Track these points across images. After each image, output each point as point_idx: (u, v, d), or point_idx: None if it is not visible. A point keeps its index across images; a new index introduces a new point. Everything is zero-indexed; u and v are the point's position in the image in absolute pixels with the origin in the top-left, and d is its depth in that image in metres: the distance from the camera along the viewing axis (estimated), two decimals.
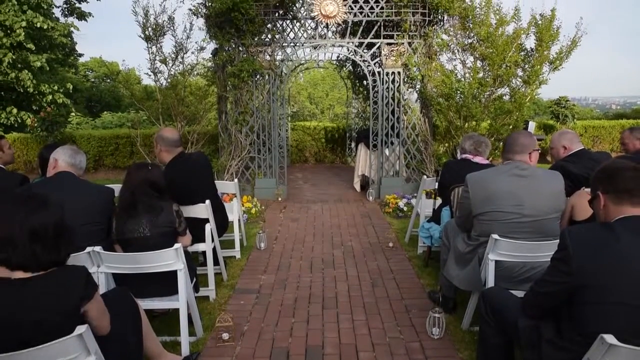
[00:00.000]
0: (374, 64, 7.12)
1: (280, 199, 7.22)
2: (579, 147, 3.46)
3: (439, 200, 4.28)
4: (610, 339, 1.60)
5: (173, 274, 2.76)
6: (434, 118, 7.75)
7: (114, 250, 2.87)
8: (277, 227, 5.75)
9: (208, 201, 3.62)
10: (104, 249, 2.69)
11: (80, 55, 19.36)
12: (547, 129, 11.60)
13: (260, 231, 4.99)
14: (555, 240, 1.96)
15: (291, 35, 7.28)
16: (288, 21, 7.16)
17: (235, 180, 5.12)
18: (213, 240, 3.65)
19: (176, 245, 2.74)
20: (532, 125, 7.75)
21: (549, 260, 1.93)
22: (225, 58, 6.98)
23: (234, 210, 4.58)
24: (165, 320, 3.15)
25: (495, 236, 2.66)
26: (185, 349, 2.78)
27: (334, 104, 25.95)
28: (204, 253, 3.71)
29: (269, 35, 7.01)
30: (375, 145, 7.33)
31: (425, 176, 5.45)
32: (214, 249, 3.69)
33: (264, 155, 7.28)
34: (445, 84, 6.67)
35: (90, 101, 24.59)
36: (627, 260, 1.70)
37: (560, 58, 6.68)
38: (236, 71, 6.80)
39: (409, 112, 7.33)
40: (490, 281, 2.72)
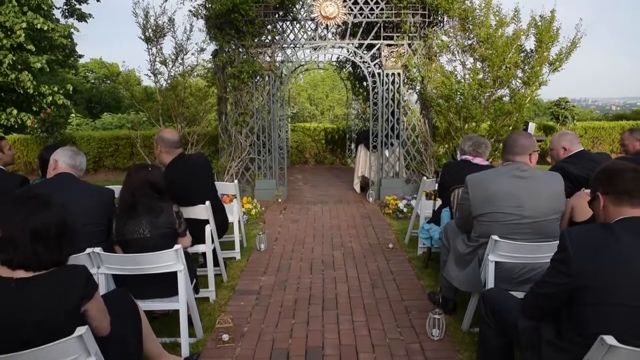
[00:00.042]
0: (374, 65, 7.12)
1: (280, 200, 7.22)
2: (579, 148, 3.46)
3: (439, 202, 4.28)
4: (610, 340, 1.61)
5: (173, 275, 2.76)
6: (434, 119, 7.75)
7: (114, 252, 2.87)
8: (277, 229, 5.75)
9: (208, 202, 3.62)
10: (104, 250, 2.69)
11: (81, 56, 19.36)
12: (547, 130, 11.60)
13: (260, 232, 4.99)
14: (555, 242, 1.96)
15: (291, 36, 7.29)
16: (288, 22, 7.16)
17: (235, 181, 5.12)
18: (213, 242, 3.65)
19: (176, 247, 2.75)
20: (532, 126, 7.74)
21: (548, 262, 1.93)
22: (225, 59, 6.99)
23: (234, 212, 4.58)
24: (165, 322, 3.14)
25: (495, 237, 2.66)
26: (185, 350, 2.78)
27: (334, 105, 25.91)
28: (204, 254, 3.71)
29: (269, 37, 7.02)
30: (375, 147, 7.33)
31: (425, 177, 5.46)
32: (214, 250, 3.69)
33: (264, 156, 7.28)
34: (445, 85, 6.67)
35: (90, 102, 24.63)
36: (627, 261, 1.70)
37: (560, 59, 6.70)
38: (236, 72, 6.80)
39: (409, 114, 7.33)
40: (490, 282, 2.72)
